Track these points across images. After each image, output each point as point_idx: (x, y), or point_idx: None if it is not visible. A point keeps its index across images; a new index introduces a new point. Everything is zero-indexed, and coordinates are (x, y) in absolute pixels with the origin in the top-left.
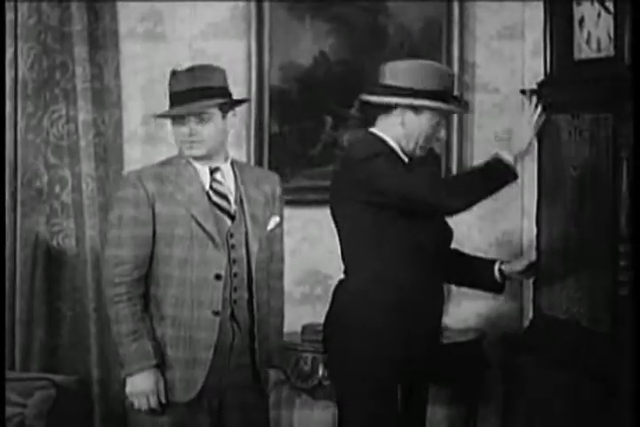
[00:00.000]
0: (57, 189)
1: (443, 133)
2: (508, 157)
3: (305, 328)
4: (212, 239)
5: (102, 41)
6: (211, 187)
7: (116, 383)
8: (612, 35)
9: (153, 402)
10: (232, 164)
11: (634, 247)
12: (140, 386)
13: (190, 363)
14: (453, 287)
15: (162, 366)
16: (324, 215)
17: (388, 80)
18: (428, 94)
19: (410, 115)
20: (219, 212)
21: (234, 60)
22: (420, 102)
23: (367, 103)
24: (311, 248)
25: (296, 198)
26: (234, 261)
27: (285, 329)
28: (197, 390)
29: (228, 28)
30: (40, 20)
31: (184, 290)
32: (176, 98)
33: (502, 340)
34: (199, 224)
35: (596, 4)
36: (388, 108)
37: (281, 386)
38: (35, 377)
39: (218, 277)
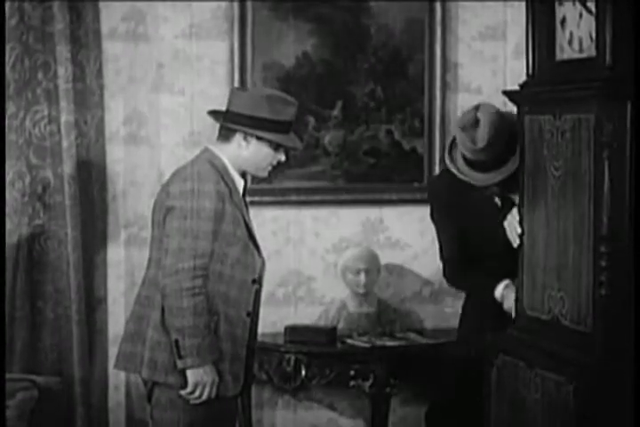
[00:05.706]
0: (39, 189)
1: None
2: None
3: (287, 329)
4: (257, 246)
5: (84, 41)
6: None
7: (98, 384)
8: (593, 35)
9: (213, 393)
10: None
11: (615, 247)
12: (207, 377)
13: (235, 358)
14: (434, 287)
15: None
16: (306, 216)
17: None
18: None
19: None
20: None
21: (216, 61)
22: None
23: None
24: (294, 249)
25: (279, 199)
26: (261, 269)
27: (268, 330)
28: (241, 385)
29: (211, 28)
30: (22, 19)
31: (230, 289)
32: None
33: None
34: (248, 228)
35: (578, 5)
36: None
37: (263, 387)
38: (16, 378)
39: (254, 281)
